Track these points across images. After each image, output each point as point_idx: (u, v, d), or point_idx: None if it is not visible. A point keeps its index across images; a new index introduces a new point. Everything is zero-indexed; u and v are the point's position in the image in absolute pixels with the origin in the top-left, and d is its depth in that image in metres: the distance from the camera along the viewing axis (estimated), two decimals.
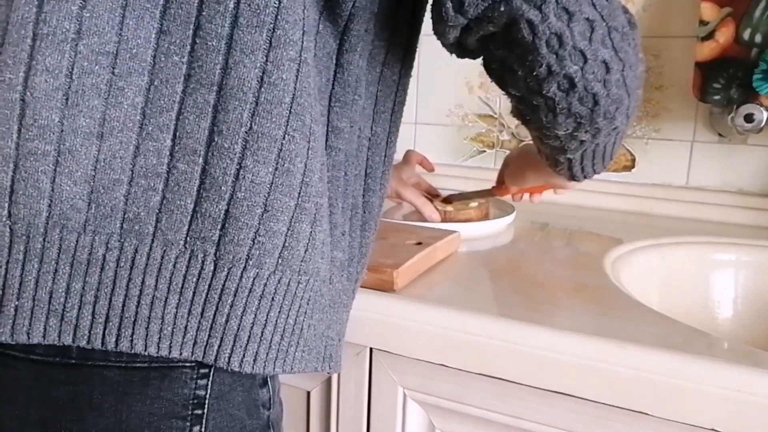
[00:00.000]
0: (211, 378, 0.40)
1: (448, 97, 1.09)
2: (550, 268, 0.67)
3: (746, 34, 0.81)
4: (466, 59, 0.47)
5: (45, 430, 0.40)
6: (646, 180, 0.97)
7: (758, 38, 0.80)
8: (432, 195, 0.89)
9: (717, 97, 0.85)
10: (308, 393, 0.64)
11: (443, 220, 0.82)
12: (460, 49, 0.44)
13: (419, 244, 0.65)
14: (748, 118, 0.82)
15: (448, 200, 0.88)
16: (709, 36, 0.83)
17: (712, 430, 0.44)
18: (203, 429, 0.40)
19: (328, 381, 0.61)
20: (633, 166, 0.98)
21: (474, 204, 0.87)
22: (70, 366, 0.39)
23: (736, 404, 0.43)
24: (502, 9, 0.38)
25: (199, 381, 0.40)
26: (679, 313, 0.61)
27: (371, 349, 0.58)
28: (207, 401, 0.40)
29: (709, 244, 0.80)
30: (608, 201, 0.98)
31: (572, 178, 0.60)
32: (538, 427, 0.51)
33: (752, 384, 0.43)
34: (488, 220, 0.85)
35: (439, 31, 0.42)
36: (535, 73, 0.41)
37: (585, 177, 0.60)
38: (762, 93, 0.81)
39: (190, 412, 0.40)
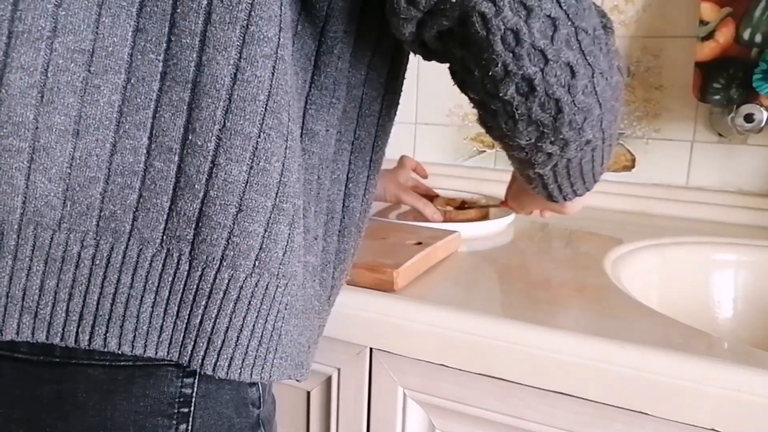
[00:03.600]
0: (197, 376, 0.40)
1: (448, 97, 1.09)
2: (550, 268, 0.67)
3: (746, 34, 0.81)
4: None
5: (29, 429, 0.39)
6: (646, 180, 0.97)
7: (758, 38, 0.80)
8: (429, 196, 0.89)
9: (717, 97, 0.85)
10: (308, 393, 0.64)
11: (444, 221, 0.82)
12: (422, 48, 0.42)
13: (419, 244, 0.65)
14: (748, 118, 0.82)
15: (462, 205, 0.88)
16: (709, 36, 0.83)
17: (712, 430, 0.44)
18: (189, 427, 0.40)
19: (328, 381, 0.61)
20: (633, 166, 0.98)
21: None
22: (54, 364, 0.39)
23: (736, 404, 0.43)
24: (454, 1, 0.36)
25: (185, 379, 0.40)
26: (679, 313, 0.61)
27: (371, 349, 0.58)
28: (193, 399, 0.40)
29: (709, 244, 0.80)
30: (608, 201, 0.97)
31: (550, 198, 0.56)
32: (538, 427, 0.51)
33: (752, 384, 0.43)
34: (488, 220, 0.85)
35: (394, 26, 0.40)
36: (491, 73, 0.38)
37: (565, 198, 0.56)
38: (762, 93, 0.81)
39: (176, 410, 0.40)
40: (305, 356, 0.46)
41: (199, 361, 0.39)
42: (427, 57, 0.43)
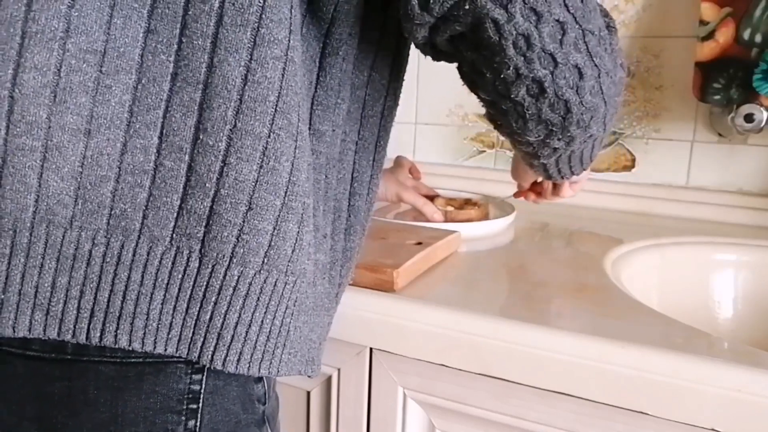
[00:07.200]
0: (205, 373, 0.41)
1: (448, 97, 1.09)
2: (550, 268, 0.67)
3: (746, 34, 0.81)
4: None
5: (41, 426, 0.40)
6: (646, 180, 0.97)
7: (758, 38, 0.80)
8: (430, 196, 0.89)
9: (717, 97, 0.85)
10: (308, 393, 0.64)
11: (444, 220, 0.82)
12: (433, 50, 0.43)
13: (419, 244, 0.65)
14: (748, 118, 0.82)
15: (463, 205, 0.89)
16: (709, 36, 0.83)
17: (712, 430, 0.44)
18: (198, 423, 0.41)
19: (328, 381, 0.61)
20: (633, 166, 0.98)
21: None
22: (66, 362, 0.39)
23: (736, 404, 0.43)
24: (467, 7, 0.37)
25: (194, 376, 0.40)
26: (679, 313, 0.61)
27: (371, 349, 0.58)
28: (202, 396, 0.41)
29: (709, 244, 0.80)
30: (608, 201, 0.97)
31: (548, 178, 0.60)
32: (538, 427, 0.51)
33: (752, 384, 0.43)
34: (488, 220, 0.85)
35: (407, 30, 0.41)
36: (502, 76, 0.40)
37: (562, 178, 0.60)
38: (762, 93, 0.81)
39: (185, 407, 0.40)
40: (316, 352, 0.47)
41: (209, 356, 0.39)
42: (437, 58, 0.44)
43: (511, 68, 0.39)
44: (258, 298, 0.40)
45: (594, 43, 0.40)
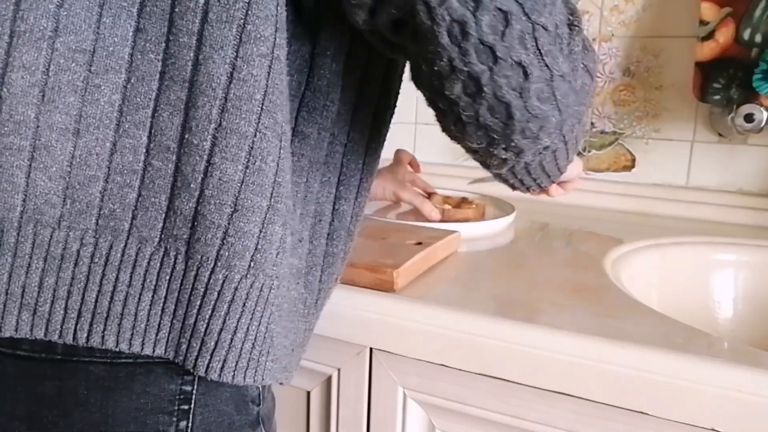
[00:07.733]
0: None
1: None
2: (550, 268, 0.67)
3: (746, 34, 0.81)
4: None
5: (32, 426, 0.40)
6: (646, 180, 0.97)
7: (758, 38, 0.80)
8: (428, 193, 0.89)
9: (717, 97, 0.85)
10: (308, 393, 0.64)
11: (441, 219, 0.82)
12: (383, 42, 0.40)
13: (419, 244, 0.65)
14: (748, 118, 0.82)
15: (460, 204, 0.89)
16: (709, 36, 0.83)
17: (712, 430, 0.44)
18: (190, 424, 0.40)
19: (328, 381, 0.61)
20: (633, 166, 0.98)
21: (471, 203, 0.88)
22: (56, 362, 0.39)
23: (736, 404, 0.43)
24: None
25: (185, 376, 0.40)
26: (679, 313, 0.61)
27: (371, 349, 0.58)
28: (194, 396, 0.40)
29: (709, 244, 0.80)
30: (608, 201, 0.97)
31: (513, 188, 0.55)
32: (538, 427, 0.51)
33: (752, 384, 0.43)
34: (485, 219, 0.85)
35: (348, 13, 0.39)
36: (436, 69, 0.36)
37: (528, 190, 0.55)
38: (762, 93, 0.81)
39: (176, 407, 0.40)
40: (289, 359, 0.46)
41: (193, 362, 0.39)
42: (388, 52, 0.42)
43: (444, 59, 0.35)
44: (244, 304, 0.39)
45: (546, 40, 0.36)
